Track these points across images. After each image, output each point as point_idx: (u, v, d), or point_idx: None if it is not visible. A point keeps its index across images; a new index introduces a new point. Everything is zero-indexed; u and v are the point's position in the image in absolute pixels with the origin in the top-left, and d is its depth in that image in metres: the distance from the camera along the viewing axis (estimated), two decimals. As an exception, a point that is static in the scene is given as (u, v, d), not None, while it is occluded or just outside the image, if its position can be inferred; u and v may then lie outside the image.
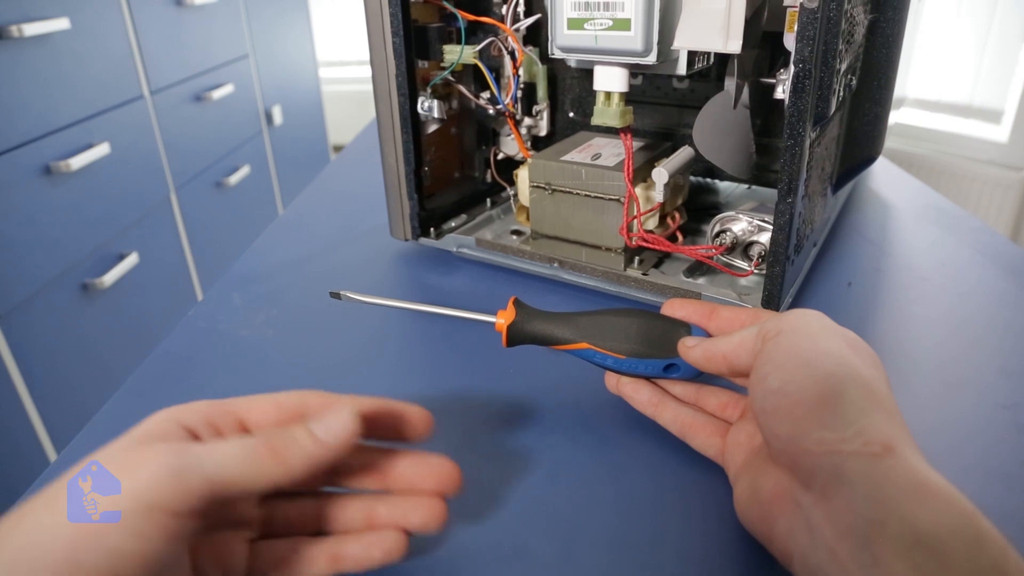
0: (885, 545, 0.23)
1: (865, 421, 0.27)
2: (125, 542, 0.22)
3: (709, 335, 0.37)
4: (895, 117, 1.98)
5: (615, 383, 0.41)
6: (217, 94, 1.66)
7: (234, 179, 1.76)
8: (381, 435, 0.32)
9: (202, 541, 0.28)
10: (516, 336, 0.39)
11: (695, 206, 0.62)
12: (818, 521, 0.26)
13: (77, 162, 1.16)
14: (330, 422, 0.28)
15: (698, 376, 0.38)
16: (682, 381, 0.40)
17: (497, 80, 0.59)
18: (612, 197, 0.52)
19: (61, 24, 1.13)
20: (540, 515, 0.35)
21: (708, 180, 0.70)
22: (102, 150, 1.23)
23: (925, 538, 0.23)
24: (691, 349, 0.36)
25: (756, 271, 0.51)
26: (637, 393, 0.40)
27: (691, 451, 0.38)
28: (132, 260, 1.33)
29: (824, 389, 0.28)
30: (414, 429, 0.32)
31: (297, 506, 0.31)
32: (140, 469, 0.24)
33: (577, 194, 0.54)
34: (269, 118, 2.01)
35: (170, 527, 0.24)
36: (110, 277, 1.25)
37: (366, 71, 3.04)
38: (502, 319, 0.39)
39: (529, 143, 0.66)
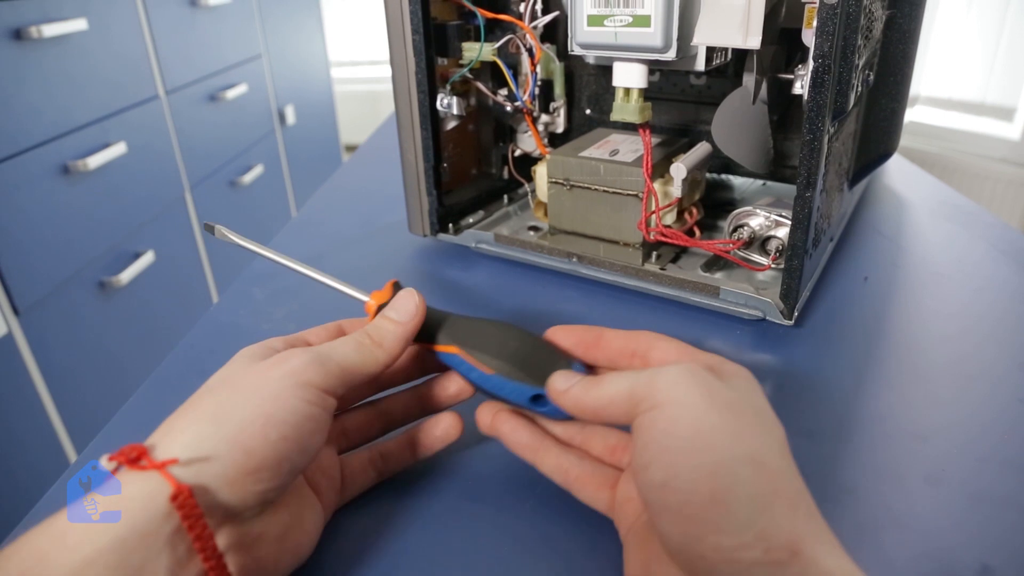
0: None
1: (764, 521, 0.24)
2: (298, 404, 0.29)
3: (591, 368, 0.35)
4: (908, 115, 1.97)
5: (489, 421, 0.36)
6: (231, 94, 1.68)
7: (248, 178, 1.77)
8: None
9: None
10: None
11: (711, 202, 0.62)
12: None
13: (94, 161, 1.17)
14: (399, 306, 0.35)
15: (568, 417, 0.33)
16: (553, 420, 0.35)
17: (515, 77, 0.59)
18: (630, 193, 0.53)
19: (79, 25, 1.15)
20: (563, 506, 0.35)
21: (724, 176, 0.70)
22: (118, 149, 1.25)
23: None
24: (562, 395, 0.32)
25: (774, 265, 0.52)
26: (514, 434, 0.35)
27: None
28: (148, 258, 1.34)
29: (714, 483, 0.25)
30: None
31: (360, 414, 0.37)
32: (290, 359, 0.30)
33: (595, 190, 0.54)
34: (282, 118, 2.02)
35: (322, 399, 0.30)
36: (126, 275, 1.27)
37: (378, 71, 3.06)
38: (373, 300, 0.36)
39: (546, 140, 0.67)
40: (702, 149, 0.55)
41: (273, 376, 0.29)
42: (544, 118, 0.65)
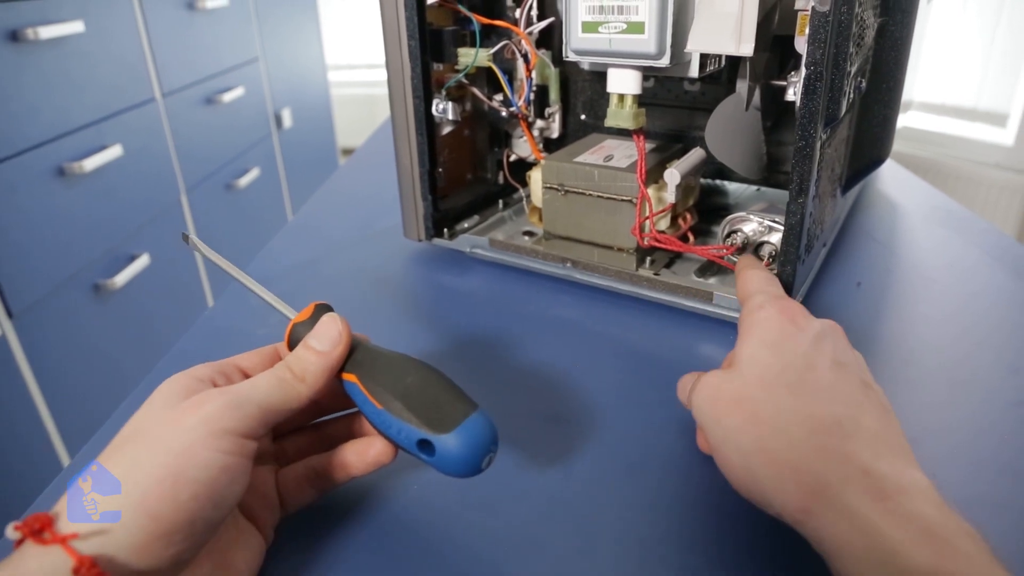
0: None
1: (779, 499, 0.29)
2: (212, 457, 0.28)
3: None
4: (902, 121, 1.98)
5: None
6: (228, 97, 1.68)
7: (244, 181, 1.77)
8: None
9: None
10: (296, 339, 0.35)
11: (706, 207, 0.62)
12: None
13: (90, 164, 1.17)
14: (322, 334, 0.33)
15: (455, 472, 0.31)
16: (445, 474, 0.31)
17: (510, 83, 0.60)
18: (624, 198, 0.53)
19: (75, 27, 1.15)
20: (554, 509, 0.36)
21: (718, 182, 0.70)
22: (114, 152, 1.25)
23: None
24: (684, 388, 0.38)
25: (767, 271, 0.52)
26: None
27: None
28: (143, 261, 1.34)
29: (741, 475, 0.31)
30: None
31: (302, 437, 0.37)
32: (205, 405, 0.29)
33: (590, 195, 0.55)
34: (279, 121, 2.02)
35: (240, 446, 0.29)
36: (121, 278, 1.26)
37: (374, 74, 3.06)
38: (294, 321, 0.36)
39: (541, 145, 0.67)
40: (696, 155, 0.55)
41: (185, 426, 0.28)
42: (539, 123, 0.66)
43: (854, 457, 0.28)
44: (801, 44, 0.42)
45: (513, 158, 0.67)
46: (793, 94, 0.49)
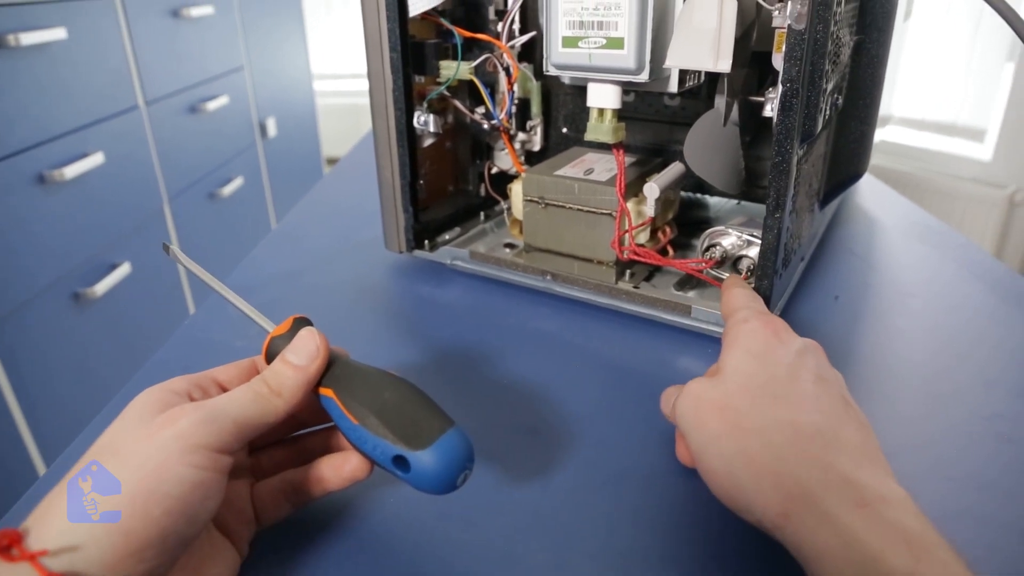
0: None
1: (760, 506, 0.29)
2: (186, 472, 0.27)
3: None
4: (881, 135, 2.01)
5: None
6: (212, 105, 1.67)
7: (227, 190, 1.76)
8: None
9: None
10: (274, 353, 0.35)
11: (685, 221, 0.63)
12: None
13: (71, 171, 1.16)
14: (299, 348, 0.33)
15: (430, 489, 0.31)
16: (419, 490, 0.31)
17: (492, 95, 0.60)
18: (604, 211, 0.53)
19: (58, 34, 1.14)
20: (533, 523, 0.36)
21: (698, 195, 0.71)
22: (96, 160, 1.24)
23: None
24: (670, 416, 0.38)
25: (745, 285, 0.52)
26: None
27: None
28: (124, 270, 1.33)
29: (723, 481, 0.31)
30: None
31: (278, 451, 0.37)
32: (179, 420, 0.29)
33: (570, 208, 0.55)
34: (263, 130, 2.02)
35: (215, 461, 0.29)
36: (102, 286, 1.25)
37: (360, 84, 3.05)
38: (272, 334, 0.35)
39: (523, 158, 0.67)
40: (675, 169, 0.56)
41: (158, 441, 0.28)
42: (521, 136, 0.66)
43: (835, 465, 0.29)
44: (778, 61, 0.43)
45: (495, 171, 0.68)
46: (770, 110, 0.49)
